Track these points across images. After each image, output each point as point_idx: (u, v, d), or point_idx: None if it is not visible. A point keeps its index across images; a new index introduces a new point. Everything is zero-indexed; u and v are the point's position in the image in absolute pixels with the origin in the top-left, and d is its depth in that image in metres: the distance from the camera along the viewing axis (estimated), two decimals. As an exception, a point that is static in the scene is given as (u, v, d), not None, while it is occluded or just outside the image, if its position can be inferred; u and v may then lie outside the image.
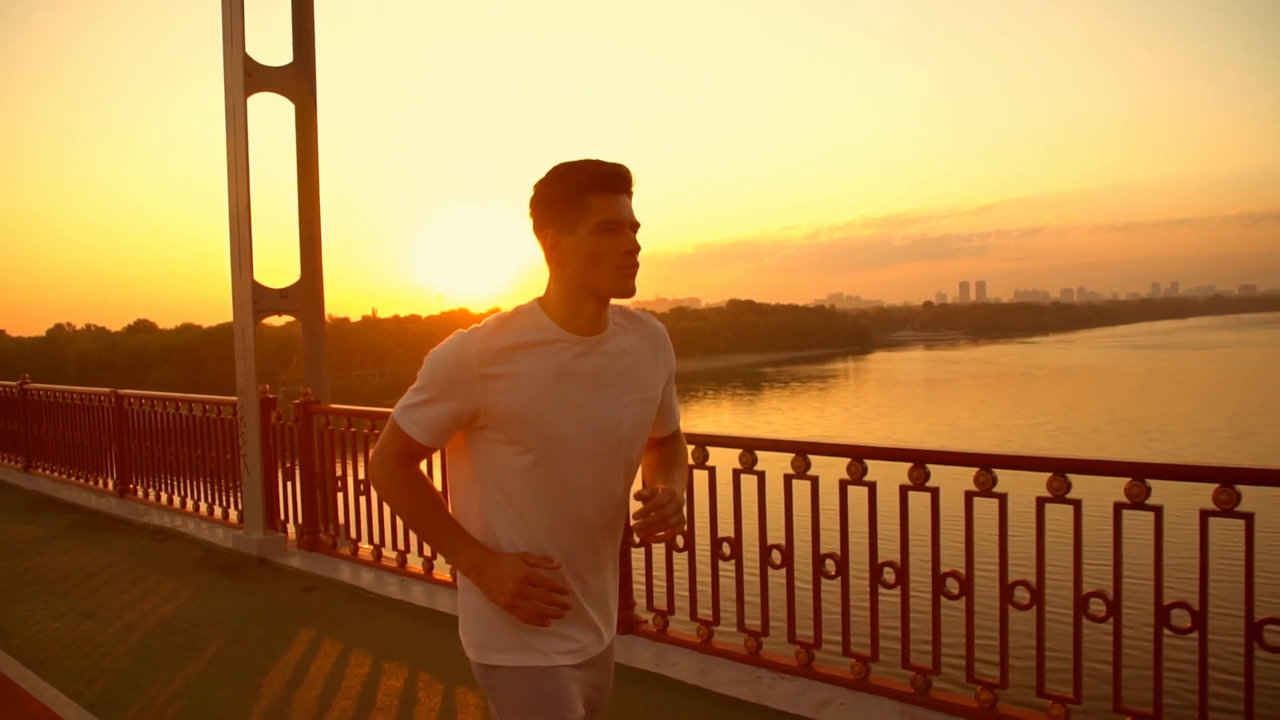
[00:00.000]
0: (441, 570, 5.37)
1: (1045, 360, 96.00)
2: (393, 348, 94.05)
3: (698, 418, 52.00)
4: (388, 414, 6.27)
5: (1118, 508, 3.10)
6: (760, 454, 4.00)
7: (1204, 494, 2.91)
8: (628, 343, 1.78)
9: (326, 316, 6.75)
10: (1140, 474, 3.04)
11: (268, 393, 6.41)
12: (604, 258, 1.65)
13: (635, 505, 1.79)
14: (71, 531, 7.24)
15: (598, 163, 1.68)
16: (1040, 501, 3.22)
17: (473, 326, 1.70)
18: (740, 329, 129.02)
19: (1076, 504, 3.19)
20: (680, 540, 4.09)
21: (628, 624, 4.40)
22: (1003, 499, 3.32)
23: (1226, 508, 2.87)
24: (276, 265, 6.76)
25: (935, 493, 3.48)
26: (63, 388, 9.18)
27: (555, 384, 1.67)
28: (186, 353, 77.83)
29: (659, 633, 4.34)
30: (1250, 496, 2.88)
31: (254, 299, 6.20)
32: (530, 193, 1.72)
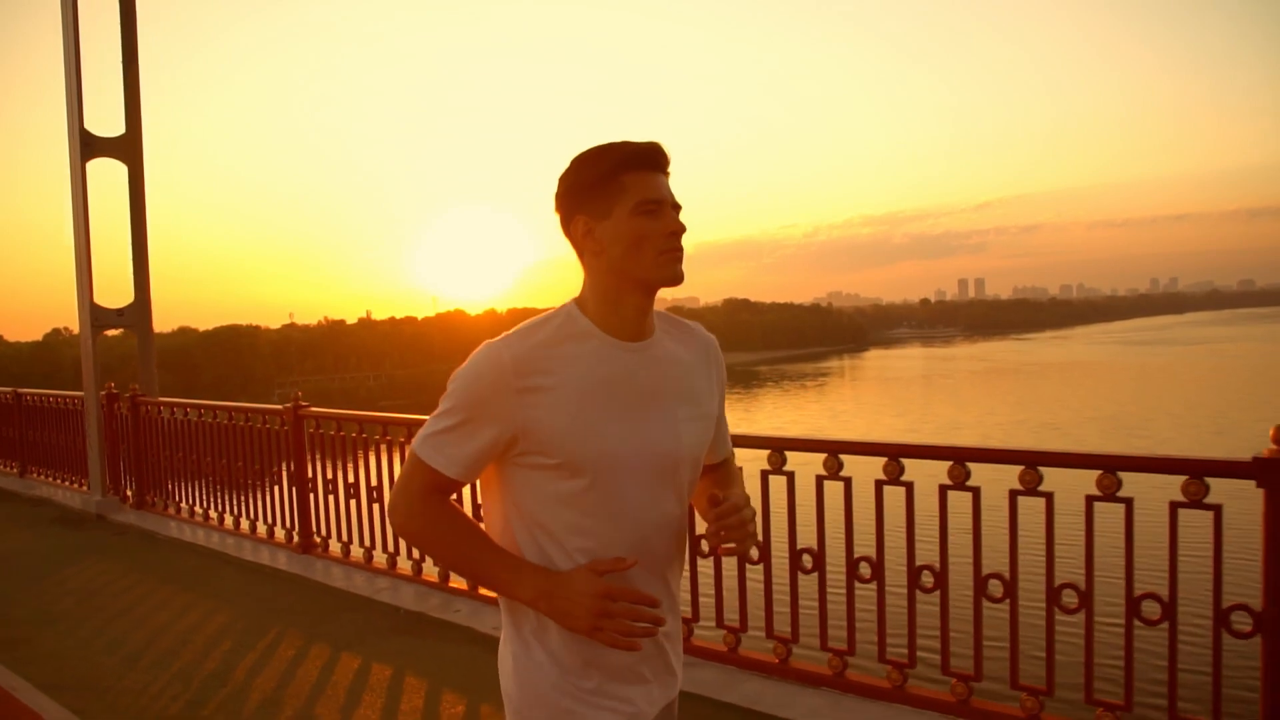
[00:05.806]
0: (214, 517, 7.19)
1: (1039, 356, 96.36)
2: (388, 349, 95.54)
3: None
4: (210, 405, 8.00)
5: (1173, 506, 2.98)
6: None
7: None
8: (677, 351, 1.59)
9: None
10: (1196, 471, 2.91)
11: (112, 389, 8.28)
12: (646, 241, 1.47)
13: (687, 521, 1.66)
14: (-30, 503, 9.11)
15: (630, 142, 1.50)
16: (1093, 500, 3.10)
17: (502, 335, 1.50)
18: (735, 328, 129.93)
19: (1127, 500, 3.05)
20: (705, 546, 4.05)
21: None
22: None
23: None
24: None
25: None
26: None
27: (604, 393, 1.48)
28: (182, 356, 78.50)
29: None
30: None
31: (93, 317, 8.08)
32: (555, 186, 1.54)
